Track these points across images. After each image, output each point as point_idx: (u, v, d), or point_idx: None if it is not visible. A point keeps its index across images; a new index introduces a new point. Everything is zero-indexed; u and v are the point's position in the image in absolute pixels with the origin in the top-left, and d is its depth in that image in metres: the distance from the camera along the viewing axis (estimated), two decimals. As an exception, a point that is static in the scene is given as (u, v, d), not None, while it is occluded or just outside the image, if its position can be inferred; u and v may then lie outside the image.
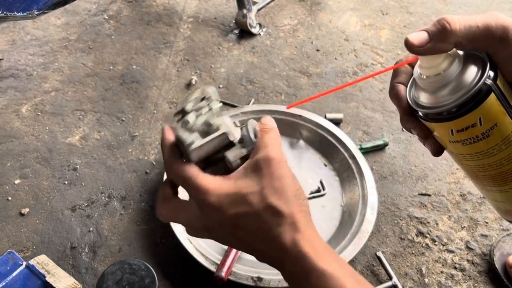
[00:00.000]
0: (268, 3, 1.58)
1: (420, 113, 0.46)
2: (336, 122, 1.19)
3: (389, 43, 1.49)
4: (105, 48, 1.44)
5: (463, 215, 1.01)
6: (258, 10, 1.54)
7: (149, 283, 0.78)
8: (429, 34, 0.42)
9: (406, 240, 0.97)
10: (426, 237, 0.97)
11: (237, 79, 1.35)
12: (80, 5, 1.60)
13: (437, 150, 0.49)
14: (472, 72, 0.43)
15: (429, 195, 1.05)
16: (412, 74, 0.48)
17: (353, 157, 1.06)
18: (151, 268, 0.80)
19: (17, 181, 1.06)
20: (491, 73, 0.42)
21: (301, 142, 1.14)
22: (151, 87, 1.31)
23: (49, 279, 0.82)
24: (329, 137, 1.11)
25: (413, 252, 0.95)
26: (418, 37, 0.42)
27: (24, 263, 0.84)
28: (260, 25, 1.53)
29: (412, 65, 0.49)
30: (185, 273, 0.90)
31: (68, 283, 0.83)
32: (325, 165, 1.10)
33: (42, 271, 0.83)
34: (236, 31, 1.52)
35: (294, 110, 1.16)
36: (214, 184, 0.45)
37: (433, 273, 0.92)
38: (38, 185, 1.05)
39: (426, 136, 0.48)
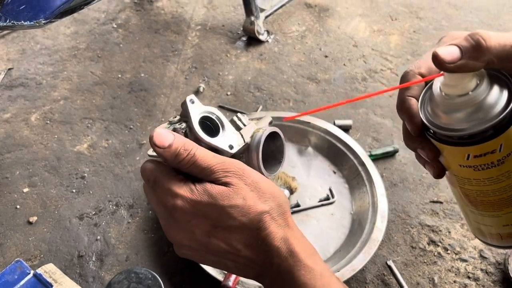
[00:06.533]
0: (276, 10, 1.58)
1: (436, 134, 0.43)
2: (345, 129, 1.17)
3: (399, 48, 1.48)
4: (114, 56, 1.45)
5: (476, 223, 0.99)
6: (266, 17, 1.54)
7: (156, 292, 0.77)
8: (461, 49, 0.38)
9: (417, 248, 0.95)
10: (438, 245, 0.95)
11: (245, 86, 1.34)
12: (89, 14, 1.61)
13: (440, 173, 0.47)
14: (499, 95, 0.40)
15: (441, 202, 1.03)
16: (423, 88, 0.45)
17: (362, 164, 1.05)
18: (158, 277, 0.79)
19: (25, 190, 1.06)
20: None
21: (310, 149, 1.13)
22: (159, 95, 1.31)
23: (56, 288, 0.81)
24: (338, 144, 1.10)
25: (425, 261, 0.93)
26: (450, 52, 0.38)
27: (32, 271, 0.84)
28: (268, 32, 1.53)
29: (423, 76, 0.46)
30: (192, 282, 0.89)
31: (74, 292, 0.82)
32: (334, 172, 1.09)
33: (49, 280, 0.83)
34: (244, 38, 1.52)
35: (302, 117, 1.15)
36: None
37: (445, 282, 0.90)
38: (46, 193, 1.05)
39: (435, 158, 0.45)
